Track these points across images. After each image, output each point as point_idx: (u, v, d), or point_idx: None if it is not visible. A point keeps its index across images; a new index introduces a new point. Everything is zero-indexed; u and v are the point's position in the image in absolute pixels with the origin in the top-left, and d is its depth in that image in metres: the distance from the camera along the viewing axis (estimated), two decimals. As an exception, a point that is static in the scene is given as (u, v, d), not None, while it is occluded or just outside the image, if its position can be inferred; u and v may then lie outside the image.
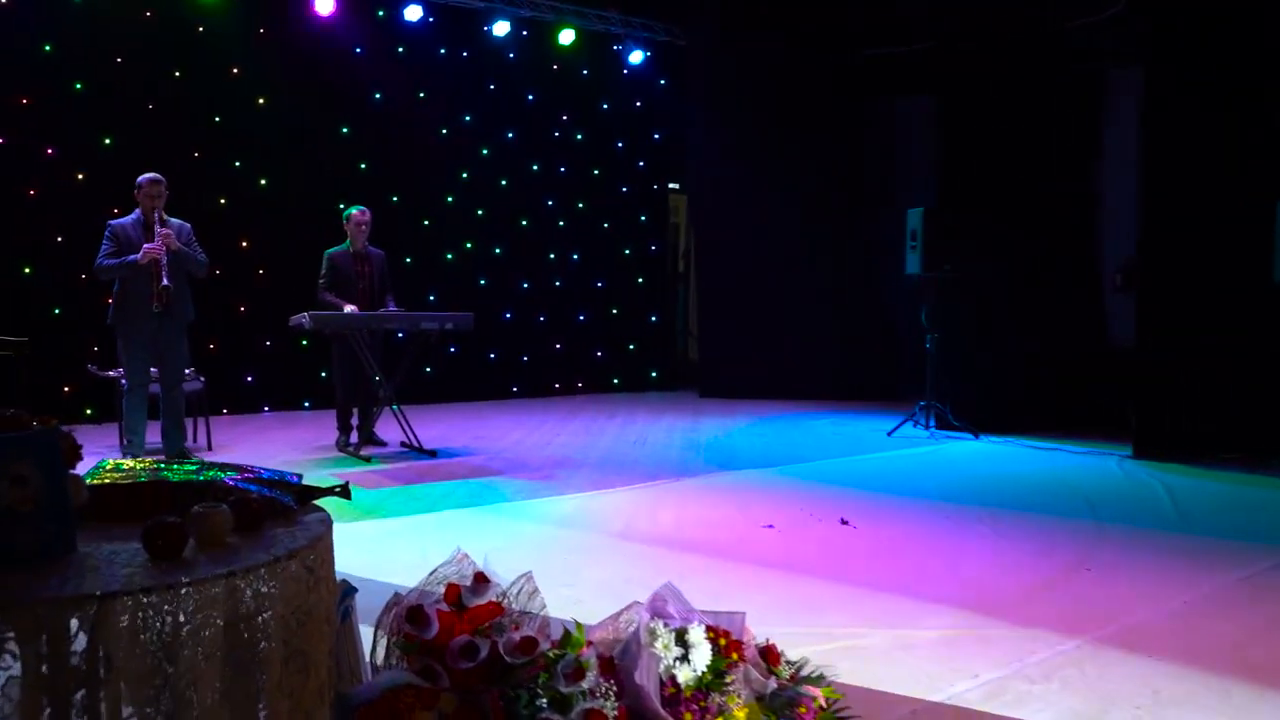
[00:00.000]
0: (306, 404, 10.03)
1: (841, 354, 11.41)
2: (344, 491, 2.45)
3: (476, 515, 5.62)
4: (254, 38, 9.60)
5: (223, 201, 9.53)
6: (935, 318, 8.79)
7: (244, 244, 9.63)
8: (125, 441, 6.92)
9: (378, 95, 10.38)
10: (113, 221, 6.81)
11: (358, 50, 10.22)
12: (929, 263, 8.67)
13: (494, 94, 11.11)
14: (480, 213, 11.12)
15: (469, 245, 11.07)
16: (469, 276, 11.05)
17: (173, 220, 6.93)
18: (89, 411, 8.78)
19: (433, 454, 7.53)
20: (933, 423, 8.75)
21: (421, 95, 10.65)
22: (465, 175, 11.00)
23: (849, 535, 5.21)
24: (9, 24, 8.45)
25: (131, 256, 6.63)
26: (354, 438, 7.93)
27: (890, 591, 4.19)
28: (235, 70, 9.54)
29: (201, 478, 2.30)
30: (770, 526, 5.33)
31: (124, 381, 6.95)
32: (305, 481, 2.48)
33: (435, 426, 9.04)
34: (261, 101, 9.70)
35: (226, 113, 9.51)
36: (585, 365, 11.94)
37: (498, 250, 11.28)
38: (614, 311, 12.18)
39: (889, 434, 8.65)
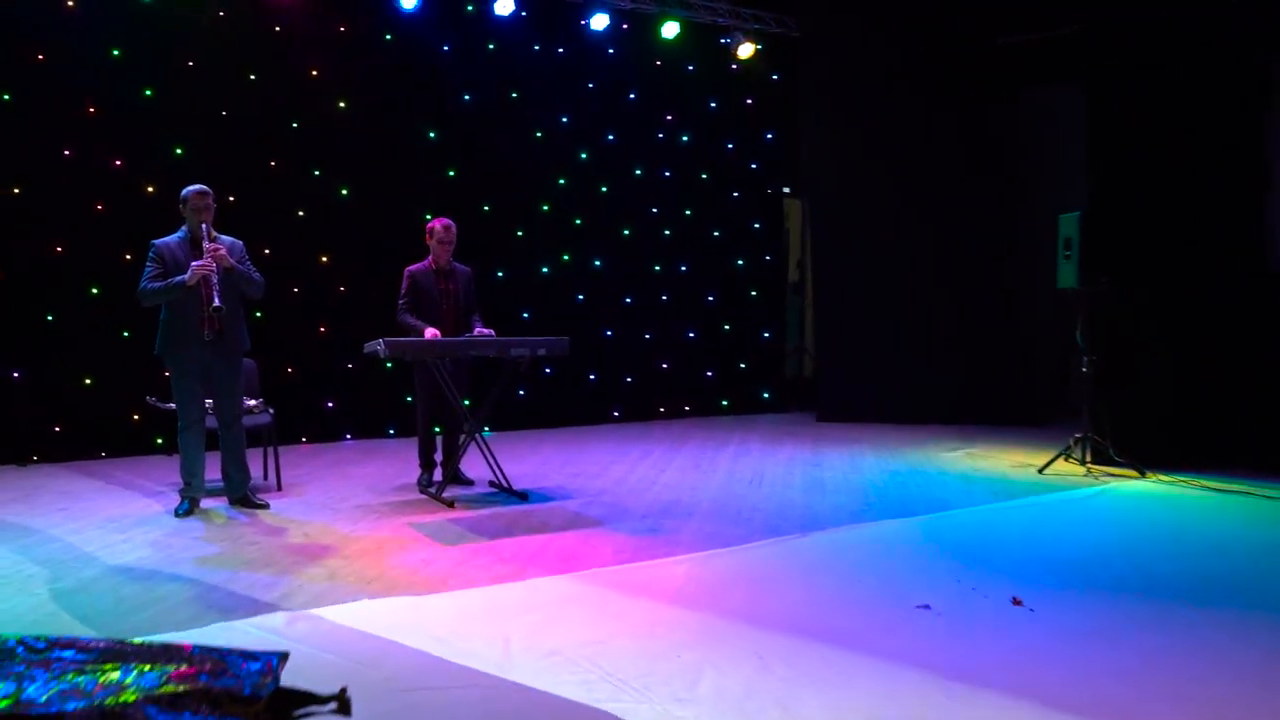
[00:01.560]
0: (391, 430, 9.27)
1: (973, 373, 10.20)
2: (342, 707, 1.50)
3: (571, 587, 4.66)
4: (333, 36, 8.89)
5: (300, 214, 8.83)
6: (1092, 337, 7.57)
7: (323, 259, 8.91)
8: (184, 484, 6.18)
9: (467, 96, 9.58)
10: (157, 241, 6.07)
11: (445, 48, 9.43)
12: (1085, 275, 7.47)
13: (592, 93, 10.23)
14: (578, 222, 10.24)
15: (566, 257, 10.19)
16: (566, 291, 10.18)
17: (223, 237, 6.19)
18: (159, 441, 8.15)
19: (524, 497, 6.63)
20: (1089, 458, 7.53)
21: (514, 96, 9.82)
22: (562, 181, 10.13)
23: (1028, 622, 4.10)
24: (75, 29, 7.88)
25: (179, 277, 5.88)
26: (439, 474, 7.10)
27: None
28: (314, 72, 8.84)
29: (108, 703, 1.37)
30: (926, 607, 4.25)
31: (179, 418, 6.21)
32: (294, 675, 1.54)
33: (528, 460, 8.18)
34: (342, 105, 8.98)
35: (305, 118, 8.80)
36: (692, 386, 10.95)
37: (597, 262, 10.38)
38: (725, 328, 11.16)
39: (1040, 470, 7.46)
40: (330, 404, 9.03)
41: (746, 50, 10.58)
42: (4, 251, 7.67)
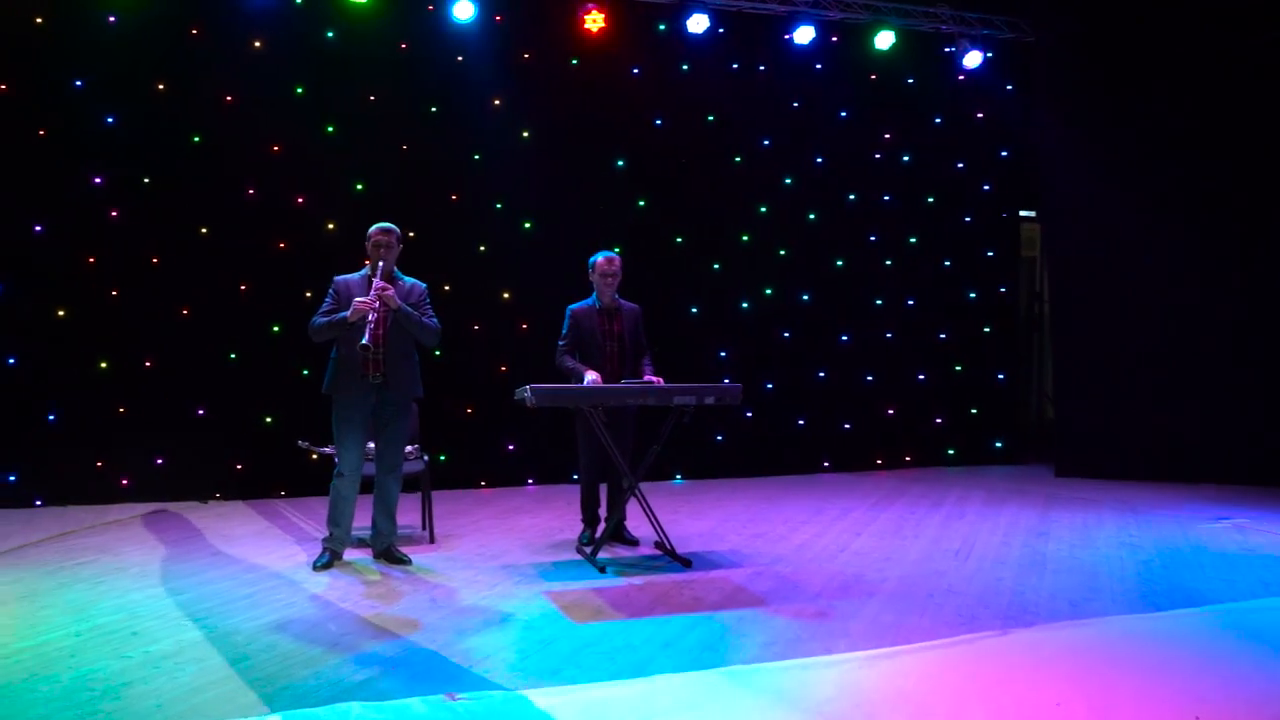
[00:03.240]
0: (575, 475, 8.67)
1: (1251, 424, 8.46)
2: None
3: (696, 688, 3.80)
4: (517, 65, 8.51)
5: (482, 249, 8.45)
6: None
7: (505, 296, 8.49)
8: (328, 533, 5.80)
9: (658, 121, 8.96)
10: (338, 277, 5.76)
11: (635, 71, 8.86)
12: None
13: (798, 113, 9.36)
14: (783, 253, 9.36)
15: (769, 292, 9.32)
16: (769, 329, 9.30)
17: (406, 279, 5.80)
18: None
19: (686, 563, 5.80)
20: None
21: (710, 119, 9.10)
22: (764, 209, 9.29)
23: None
24: (262, 69, 7.87)
25: (342, 314, 5.53)
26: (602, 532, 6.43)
27: None
28: (496, 102, 8.48)
29: None
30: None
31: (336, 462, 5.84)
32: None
33: (710, 515, 7.35)
34: (525, 135, 8.57)
35: (487, 150, 8.45)
36: (916, 434, 9.75)
37: (805, 297, 9.44)
38: (956, 369, 9.91)
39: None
40: (511, 447, 8.56)
41: (974, 59, 9.39)
42: (189, 289, 7.69)
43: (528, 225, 8.56)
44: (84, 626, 4.64)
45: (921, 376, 9.74)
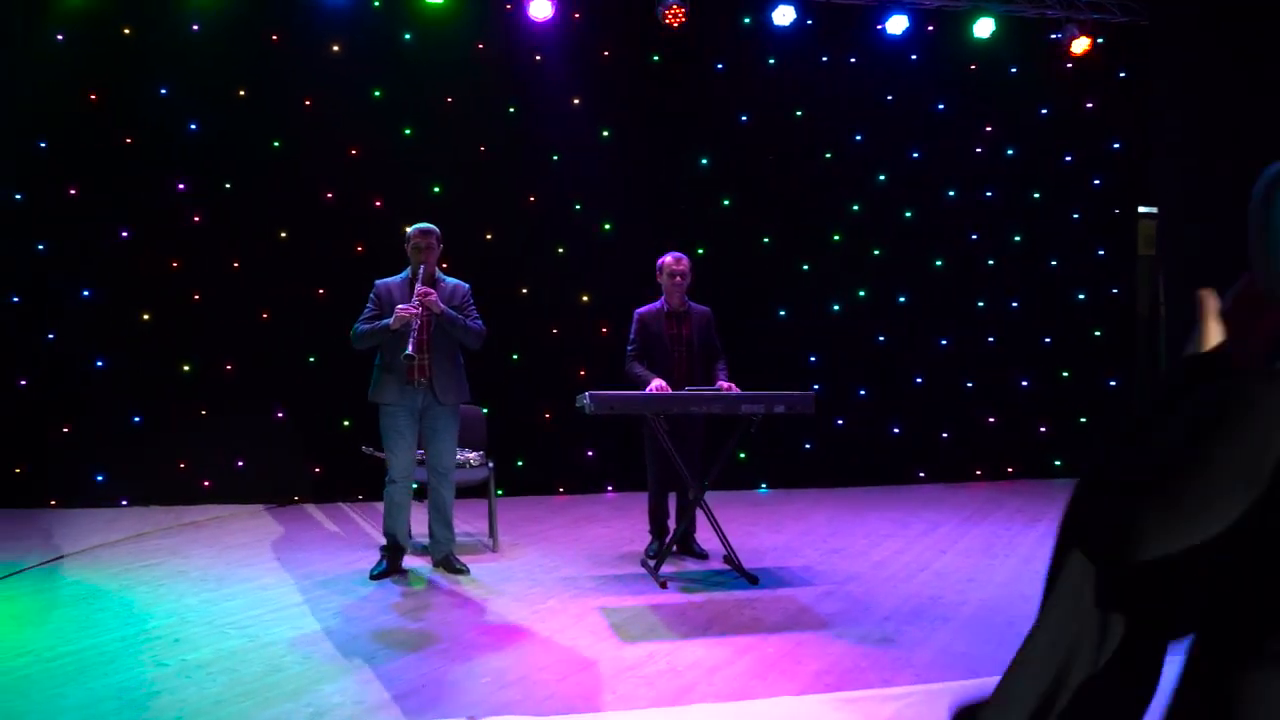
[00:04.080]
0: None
1: None
2: None
3: (731, 721, 3.53)
4: (597, 62, 8.31)
5: (560, 250, 8.29)
6: None
7: (584, 298, 8.30)
8: (384, 541, 5.70)
9: (743, 118, 8.65)
10: (379, 281, 5.69)
11: (718, 66, 8.57)
12: None
13: (892, 106, 8.92)
14: (877, 253, 8.94)
15: (862, 294, 8.91)
16: (862, 332, 8.89)
17: (448, 280, 5.69)
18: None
19: (753, 580, 5.49)
20: None
21: (798, 114, 8.75)
22: (856, 207, 8.89)
23: None
24: (340, 73, 7.87)
25: (384, 321, 5.44)
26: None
27: None
28: (575, 101, 8.30)
29: None
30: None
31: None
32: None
33: (791, 526, 7.03)
34: (605, 134, 8.37)
35: (565, 149, 8.27)
36: (1020, 443, 9.19)
37: (902, 299, 9.00)
38: (1063, 375, 9.32)
39: None
40: (590, 453, 8.36)
41: (1082, 45, 8.80)
42: (269, 293, 7.73)
43: (607, 226, 8.36)
44: (131, 631, 4.62)
45: (1025, 382, 9.18)
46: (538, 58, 8.19)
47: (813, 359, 8.77)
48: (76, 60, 7.43)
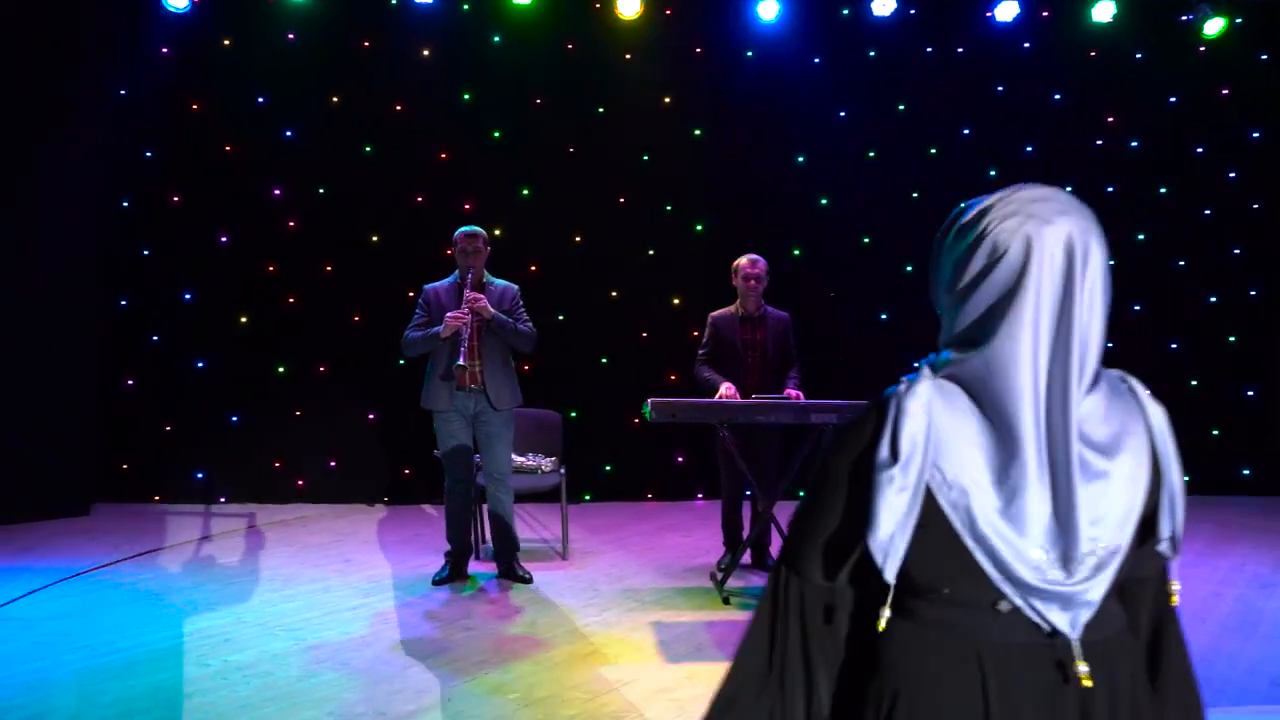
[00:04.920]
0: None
1: None
2: None
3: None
4: (688, 60, 8.13)
5: (651, 252, 8.13)
6: None
7: (675, 301, 8.12)
8: (449, 547, 5.66)
9: (842, 113, 8.31)
10: (428, 286, 5.65)
11: (815, 60, 8.26)
12: None
13: (1002, 98, 8.43)
14: (985, 254, 8.45)
15: (968, 297, 8.44)
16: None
17: (496, 282, 5.61)
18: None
19: (821, 596, 5.20)
20: None
21: (901, 108, 8.37)
22: (963, 205, 8.42)
23: None
24: (431, 76, 7.90)
25: (435, 329, 5.39)
26: (748, 557, 5.97)
27: None
28: (666, 99, 8.14)
29: None
30: None
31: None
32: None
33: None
34: (697, 133, 8.17)
35: (656, 149, 8.12)
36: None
37: (1012, 302, 8.48)
38: (1192, 383, 8.63)
39: None
40: (680, 459, 8.18)
41: (1217, 26, 8.13)
42: (360, 296, 7.82)
43: (699, 227, 8.16)
44: (188, 629, 4.69)
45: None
46: (627, 56, 8.05)
47: (917, 365, 8.35)
48: (180, 72, 7.67)
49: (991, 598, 1.35)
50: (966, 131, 8.42)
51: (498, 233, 7.93)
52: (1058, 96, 8.47)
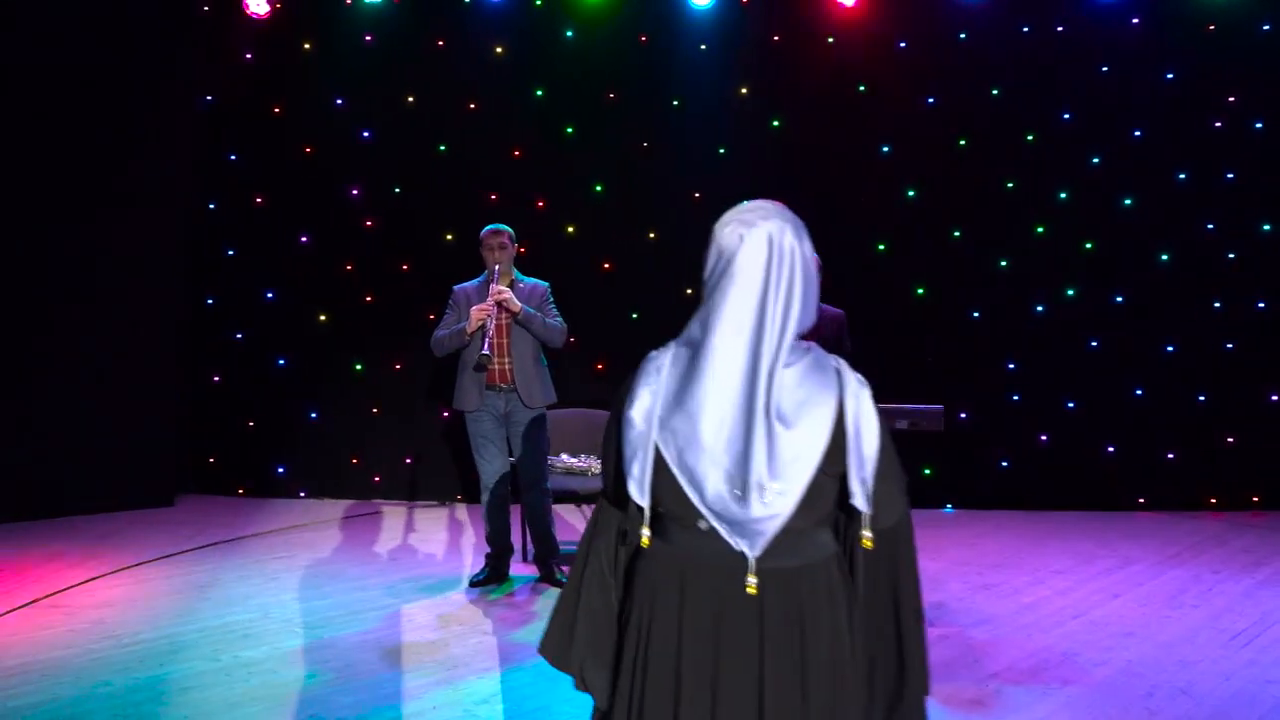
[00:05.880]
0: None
1: None
2: None
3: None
4: (766, 49, 7.86)
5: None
6: None
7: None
8: (489, 550, 5.61)
9: (930, 99, 7.88)
10: (457, 286, 5.62)
11: (901, 45, 7.86)
12: None
13: (1108, 79, 7.83)
14: (1089, 246, 7.89)
15: (1070, 293, 7.89)
16: (1072, 337, 7.86)
17: (525, 279, 5.55)
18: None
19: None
20: None
21: (995, 93, 7.87)
22: (1064, 195, 7.88)
23: None
24: (503, 74, 7.88)
25: (460, 324, 5.34)
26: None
27: None
28: (743, 90, 7.89)
29: None
30: None
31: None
32: None
33: (954, 552, 6.37)
34: (776, 124, 7.90)
35: (733, 142, 7.89)
36: (1266, 469, 7.81)
37: (1119, 298, 7.89)
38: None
39: None
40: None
41: (1355, -9, 7.36)
42: (435, 295, 7.75)
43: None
44: (213, 623, 4.77)
45: (1276, 397, 7.80)
46: (703, 46, 7.84)
47: (1011, 366, 7.88)
48: (262, 76, 7.86)
49: (694, 517, 1.74)
50: (1067, 116, 7.86)
51: (570, 230, 7.89)
52: (1170, 75, 7.82)
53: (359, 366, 7.92)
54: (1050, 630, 4.77)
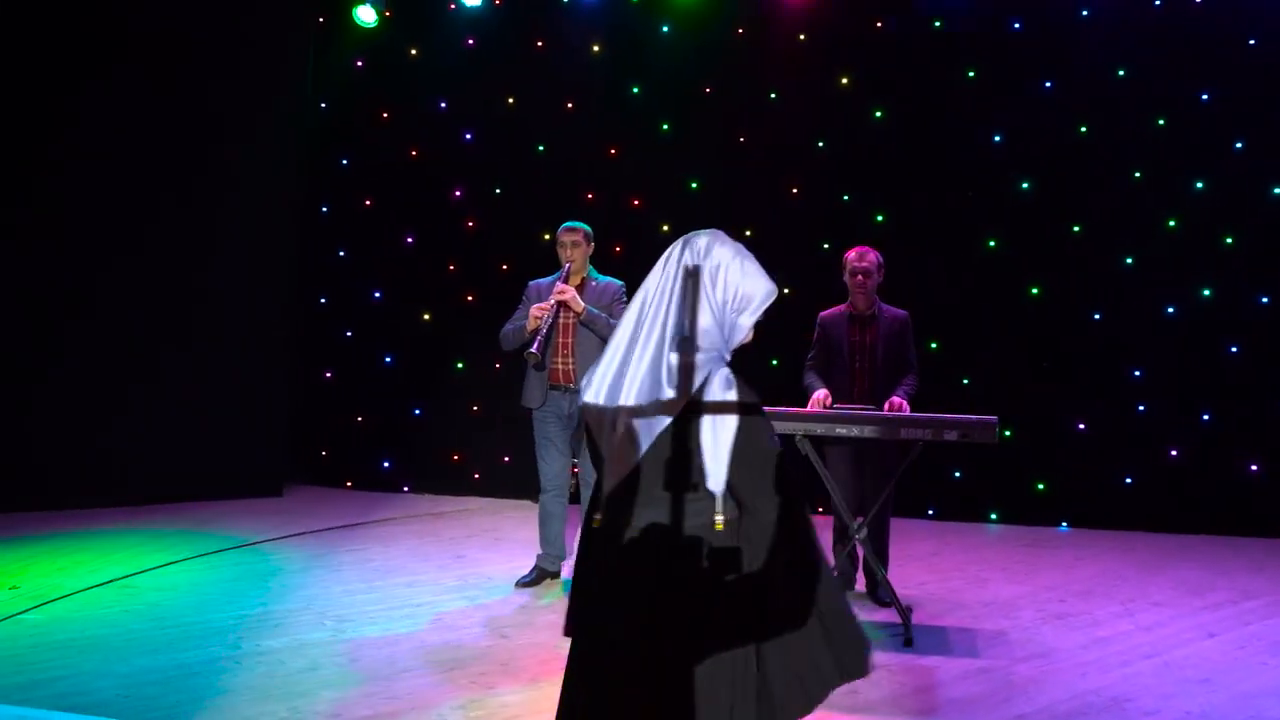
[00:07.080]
0: (930, 511, 7.50)
1: None
2: None
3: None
4: (868, 36, 7.53)
5: (826, 246, 7.58)
6: None
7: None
8: (540, 550, 5.61)
9: (1047, 84, 7.36)
10: (532, 281, 5.62)
11: (1015, 25, 7.36)
12: None
13: (1255, 52, 7.08)
14: (1229, 241, 7.16)
15: (1207, 293, 7.19)
16: (1209, 341, 7.15)
17: (599, 278, 5.51)
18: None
19: (908, 642, 4.63)
20: None
21: (1120, 74, 7.26)
22: (1200, 185, 7.18)
23: None
24: (599, 72, 7.89)
25: (524, 321, 5.34)
26: (862, 583, 5.46)
27: None
28: (844, 81, 7.59)
29: None
30: None
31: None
32: None
33: (1044, 576, 5.95)
34: (878, 115, 7.56)
35: (832, 135, 7.65)
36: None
37: (1264, 299, 7.14)
38: None
39: None
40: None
41: None
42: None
43: (880, 218, 7.53)
44: (250, 611, 4.95)
45: None
46: (801, 37, 7.59)
47: (1137, 373, 7.26)
48: (370, 83, 8.13)
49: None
50: (1205, 97, 7.16)
51: (665, 228, 7.77)
52: (1329, 48, 7.00)
53: (460, 365, 8.10)
54: (1111, 670, 4.34)
